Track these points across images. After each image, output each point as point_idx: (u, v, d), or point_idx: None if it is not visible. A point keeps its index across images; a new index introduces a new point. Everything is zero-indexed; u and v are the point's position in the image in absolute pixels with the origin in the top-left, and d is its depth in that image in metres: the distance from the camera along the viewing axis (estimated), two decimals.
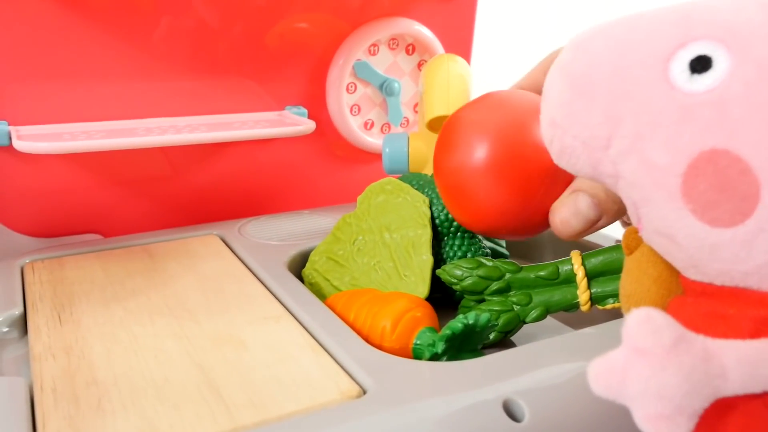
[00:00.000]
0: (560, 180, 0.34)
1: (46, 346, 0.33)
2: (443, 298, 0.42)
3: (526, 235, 0.38)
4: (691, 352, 0.19)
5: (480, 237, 0.44)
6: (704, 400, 0.20)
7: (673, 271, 0.25)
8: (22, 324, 0.38)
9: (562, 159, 0.25)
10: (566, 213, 0.33)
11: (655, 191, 0.22)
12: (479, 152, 0.35)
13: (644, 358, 0.19)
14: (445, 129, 0.38)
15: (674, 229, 0.22)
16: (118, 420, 0.27)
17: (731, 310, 0.22)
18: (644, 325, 0.19)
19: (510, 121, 0.35)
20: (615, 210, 0.33)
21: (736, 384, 0.20)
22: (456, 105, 0.45)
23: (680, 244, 0.22)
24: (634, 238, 0.27)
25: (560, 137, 0.24)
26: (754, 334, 0.21)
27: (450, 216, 0.42)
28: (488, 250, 0.44)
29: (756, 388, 0.20)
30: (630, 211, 0.24)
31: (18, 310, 0.38)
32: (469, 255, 0.42)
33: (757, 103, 0.20)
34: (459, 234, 0.42)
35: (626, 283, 0.27)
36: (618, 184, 0.24)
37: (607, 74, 0.23)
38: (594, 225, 0.33)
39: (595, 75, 0.23)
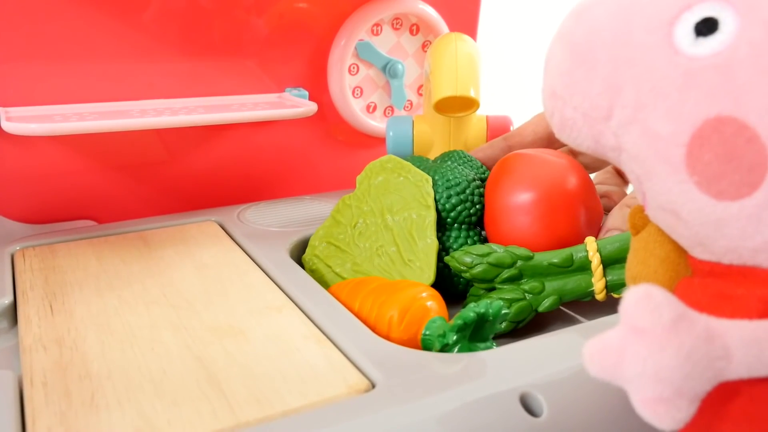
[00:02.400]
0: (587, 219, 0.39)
1: (37, 338, 0.32)
2: (444, 287, 0.41)
3: None
4: (693, 331, 0.18)
5: (479, 228, 0.42)
6: (706, 383, 0.19)
7: (681, 252, 0.24)
8: (12, 314, 0.36)
9: (563, 132, 0.24)
10: None
11: (658, 164, 0.21)
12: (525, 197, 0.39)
13: (642, 338, 0.18)
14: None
15: (678, 204, 0.21)
16: (113, 416, 0.25)
17: (739, 290, 0.21)
18: (642, 302, 0.18)
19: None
20: None
21: (741, 367, 0.19)
22: (464, 86, 0.44)
23: (685, 220, 0.21)
24: (640, 217, 0.26)
25: (561, 109, 0.23)
26: (763, 314, 0.20)
27: (450, 203, 0.40)
28: (486, 240, 0.42)
29: (762, 371, 0.19)
30: (635, 187, 0.23)
31: (7, 300, 0.36)
32: (467, 244, 0.41)
33: (766, 67, 0.19)
34: (457, 224, 0.41)
35: (632, 265, 0.26)
36: (621, 157, 0.23)
37: (608, 40, 0.21)
38: None
39: (596, 42, 0.22)
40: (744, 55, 0.19)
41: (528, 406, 0.27)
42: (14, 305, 0.36)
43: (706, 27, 0.20)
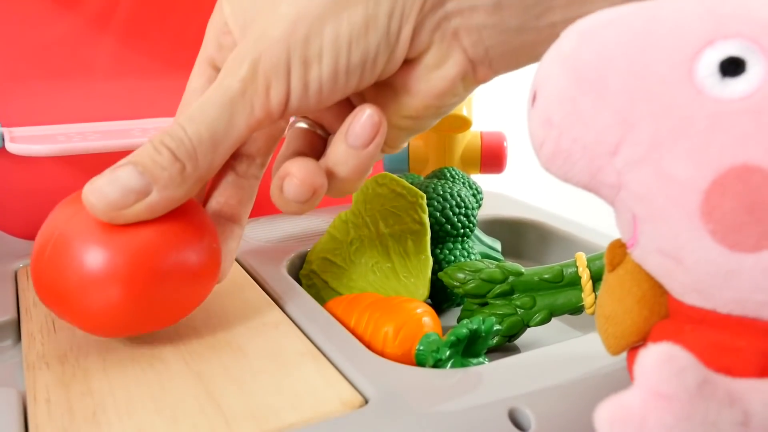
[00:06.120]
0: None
1: (40, 354, 0.32)
2: (438, 299, 0.42)
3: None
4: (716, 396, 0.18)
5: (471, 242, 0.43)
6: None
7: (657, 291, 0.23)
8: (16, 331, 0.37)
9: (553, 164, 0.22)
10: (101, 181, 0.28)
11: (668, 207, 0.19)
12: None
13: (667, 405, 0.17)
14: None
15: (685, 251, 0.20)
16: None
17: (740, 342, 0.20)
18: (666, 365, 0.17)
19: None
20: (167, 178, 0.28)
21: (757, 430, 0.18)
22: None
23: (688, 268, 0.20)
24: (618, 254, 0.24)
25: (555, 139, 0.22)
26: (763, 370, 0.19)
27: (443, 218, 0.41)
28: (478, 255, 0.43)
29: None
30: (621, 227, 0.22)
31: (11, 316, 0.37)
32: (454, 260, 0.41)
33: None
34: (449, 237, 0.42)
35: (606, 303, 0.24)
36: (618, 195, 0.21)
37: (622, 70, 0.20)
38: (141, 196, 0.28)
39: (608, 69, 0.20)
40: None
41: (516, 421, 0.28)
42: (18, 322, 0.37)
43: (732, 68, 0.19)
